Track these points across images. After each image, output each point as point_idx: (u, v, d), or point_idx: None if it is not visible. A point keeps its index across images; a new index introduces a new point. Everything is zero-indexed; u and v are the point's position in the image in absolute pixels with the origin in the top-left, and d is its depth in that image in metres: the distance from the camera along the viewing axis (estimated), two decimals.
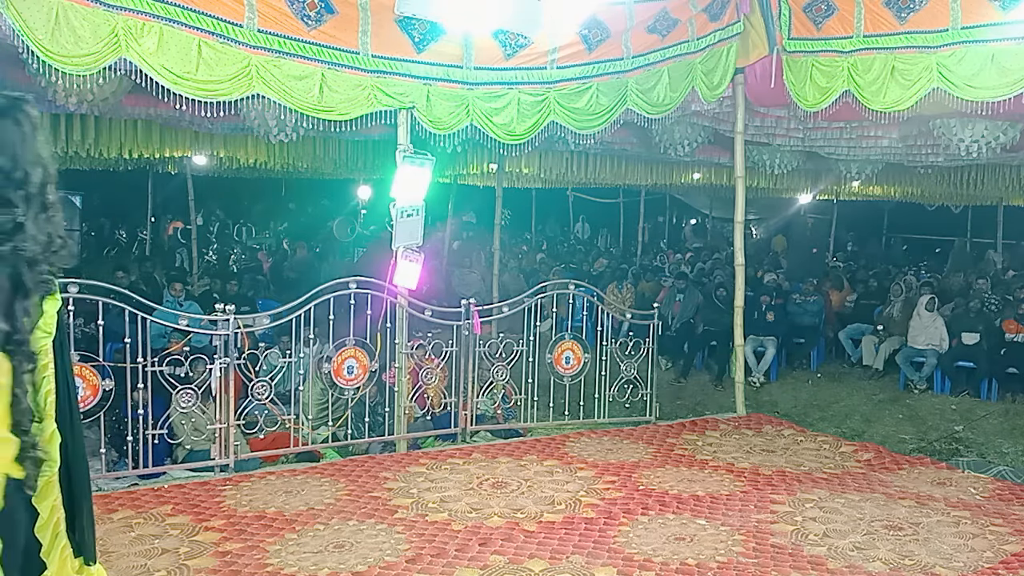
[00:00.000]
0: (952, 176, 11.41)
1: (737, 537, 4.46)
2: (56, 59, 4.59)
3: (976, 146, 7.18)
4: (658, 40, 6.79)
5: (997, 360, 8.81)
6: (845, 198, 16.63)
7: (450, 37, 6.00)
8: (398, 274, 6.05)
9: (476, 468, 5.56)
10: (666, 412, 7.52)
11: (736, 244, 7.74)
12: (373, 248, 12.53)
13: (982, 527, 4.67)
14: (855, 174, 10.72)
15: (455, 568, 3.98)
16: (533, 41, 6.27)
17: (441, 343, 6.45)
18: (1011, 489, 5.47)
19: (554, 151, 10.93)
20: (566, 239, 20.77)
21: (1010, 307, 9.51)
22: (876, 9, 6.41)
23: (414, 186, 6.04)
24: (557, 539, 4.35)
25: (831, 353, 10.96)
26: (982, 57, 5.87)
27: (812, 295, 10.72)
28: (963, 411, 8.15)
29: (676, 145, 8.53)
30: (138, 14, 4.82)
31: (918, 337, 9.30)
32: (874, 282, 12.37)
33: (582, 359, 6.94)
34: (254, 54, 5.28)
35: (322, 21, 5.53)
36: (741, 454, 6.14)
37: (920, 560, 4.20)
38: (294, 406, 5.94)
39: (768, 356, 9.48)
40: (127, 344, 5.23)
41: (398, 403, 6.18)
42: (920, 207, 16.53)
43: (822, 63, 6.76)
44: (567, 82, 6.50)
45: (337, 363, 5.96)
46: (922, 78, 6.16)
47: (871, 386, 9.28)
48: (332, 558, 4.05)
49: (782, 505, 5.00)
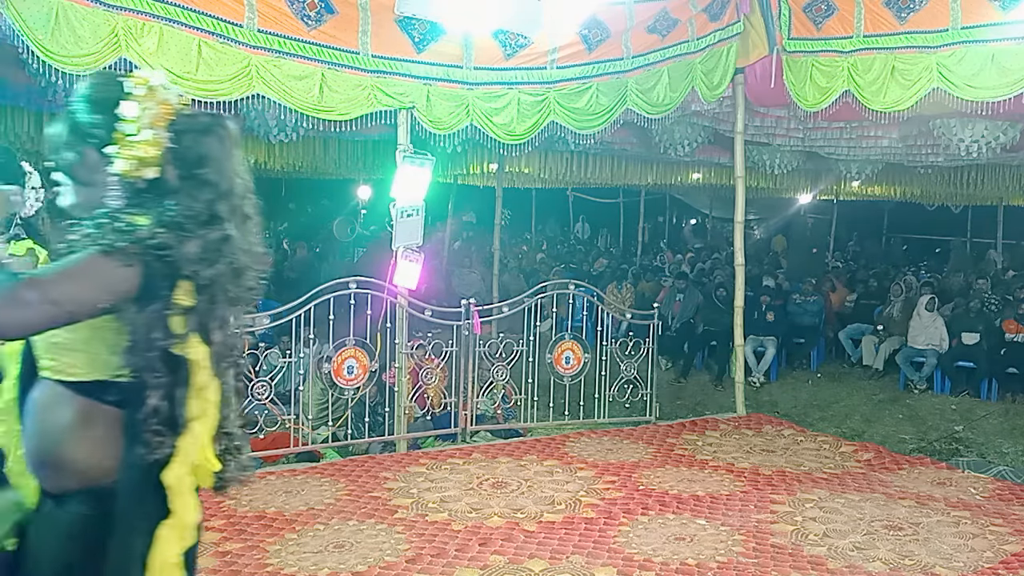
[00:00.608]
0: (952, 176, 11.40)
1: (737, 537, 4.46)
2: (56, 59, 4.59)
3: (976, 146, 7.18)
4: (658, 40, 6.80)
5: (997, 360, 8.80)
6: (845, 198, 16.62)
7: (450, 37, 6.00)
8: (398, 274, 6.05)
9: (476, 468, 5.56)
10: (666, 412, 7.52)
11: (736, 244, 7.74)
12: (373, 248, 12.52)
13: (982, 527, 4.67)
14: (855, 174, 10.71)
15: (455, 568, 3.98)
16: (533, 41, 6.28)
17: (441, 343, 6.45)
18: (1011, 489, 5.47)
19: (554, 151, 10.93)
20: (566, 239, 20.75)
21: (1010, 307, 9.51)
22: (876, 9, 6.41)
23: (414, 186, 6.04)
24: (557, 539, 4.35)
25: (831, 353, 10.95)
26: (982, 57, 5.87)
27: (812, 295, 10.72)
28: (963, 411, 8.14)
29: (676, 145, 8.53)
30: (138, 14, 4.82)
31: (918, 337, 9.30)
32: (874, 282, 12.37)
33: (582, 359, 6.94)
34: (254, 54, 5.28)
35: (322, 21, 5.53)
36: (741, 454, 6.14)
37: (920, 560, 4.20)
38: (294, 406, 5.94)
39: (768, 356, 9.48)
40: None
41: (398, 403, 6.18)
42: (920, 207, 16.52)
43: (822, 63, 6.76)
44: (567, 82, 6.50)
45: (337, 363, 5.96)
46: (922, 78, 6.16)
47: (871, 386, 9.27)
48: (332, 558, 4.05)
49: (782, 505, 5.00)
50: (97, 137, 1.71)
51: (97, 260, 1.58)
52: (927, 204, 16.04)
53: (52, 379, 1.69)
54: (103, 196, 1.71)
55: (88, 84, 1.79)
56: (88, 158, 1.72)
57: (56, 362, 1.68)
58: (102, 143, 1.71)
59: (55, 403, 1.67)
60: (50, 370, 1.69)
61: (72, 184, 1.76)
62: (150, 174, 1.71)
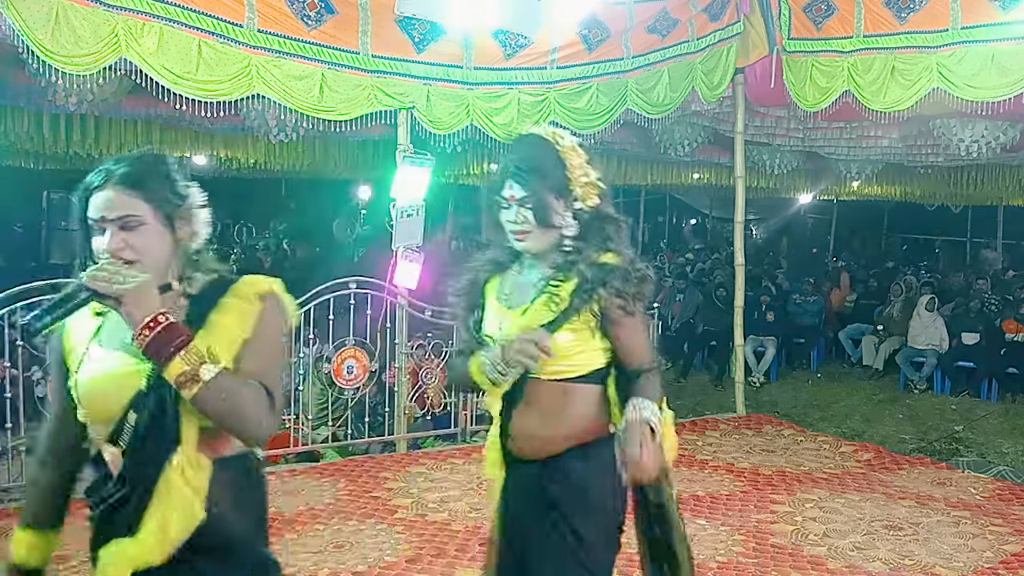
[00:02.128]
0: (952, 176, 11.39)
1: (737, 537, 4.46)
2: (56, 59, 4.58)
3: (976, 146, 7.17)
4: (658, 40, 6.79)
5: (997, 360, 8.80)
6: (845, 198, 16.61)
7: (450, 37, 6.00)
8: (398, 274, 6.05)
9: (476, 468, 5.56)
10: None
11: (736, 244, 7.74)
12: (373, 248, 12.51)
13: (982, 527, 4.67)
14: (855, 174, 10.70)
15: (455, 568, 3.98)
16: (533, 41, 6.27)
17: (441, 343, 6.45)
18: (1011, 489, 5.47)
19: None
20: None
21: (1010, 307, 9.51)
22: (876, 9, 6.40)
23: (414, 186, 6.04)
24: None
25: (831, 353, 10.96)
26: (982, 57, 5.86)
27: (812, 295, 10.72)
28: (963, 411, 8.14)
29: (676, 145, 8.52)
30: (138, 14, 4.81)
31: (918, 337, 9.30)
32: (874, 282, 12.37)
33: None
34: (254, 54, 5.28)
35: (322, 21, 5.53)
36: (741, 454, 6.14)
37: (920, 560, 4.20)
38: (294, 406, 5.94)
39: (768, 356, 9.48)
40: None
41: (398, 403, 6.18)
42: (920, 207, 16.50)
43: (822, 63, 6.76)
44: (567, 82, 6.50)
45: (337, 363, 5.96)
46: (922, 78, 6.16)
47: (871, 386, 9.27)
48: (332, 558, 4.05)
49: (782, 505, 5.00)
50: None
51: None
52: (927, 204, 16.03)
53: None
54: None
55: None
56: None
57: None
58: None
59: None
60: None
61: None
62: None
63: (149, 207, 1.62)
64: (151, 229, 1.62)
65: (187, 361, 1.51)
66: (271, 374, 1.65)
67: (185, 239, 1.69)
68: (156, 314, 1.52)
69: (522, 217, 2.05)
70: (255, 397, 1.59)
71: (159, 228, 1.64)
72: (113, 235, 1.60)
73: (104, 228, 1.61)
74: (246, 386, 1.58)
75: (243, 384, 1.58)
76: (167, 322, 1.53)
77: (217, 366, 1.54)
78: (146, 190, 1.62)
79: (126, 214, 1.60)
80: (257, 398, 1.59)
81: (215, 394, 1.53)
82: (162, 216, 1.64)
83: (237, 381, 1.57)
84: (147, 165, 1.68)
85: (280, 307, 1.70)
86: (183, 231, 1.68)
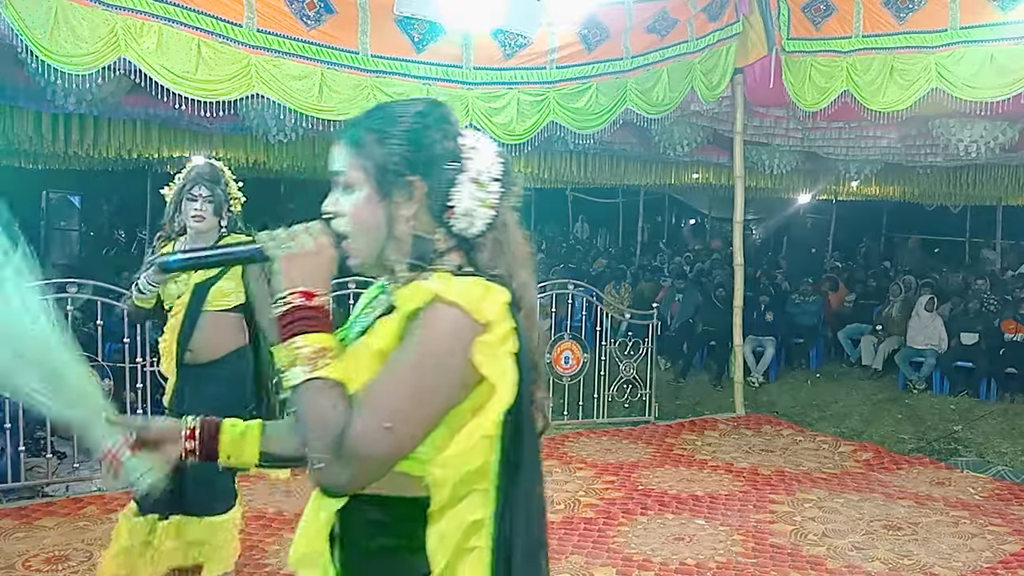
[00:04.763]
0: (951, 176, 11.40)
1: (736, 537, 4.46)
2: (55, 59, 4.59)
3: (975, 146, 7.18)
4: (657, 40, 6.80)
5: (996, 360, 8.80)
6: (844, 198, 16.61)
7: (450, 37, 6.00)
8: None
9: None
10: (665, 412, 7.52)
11: (735, 244, 7.74)
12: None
13: (981, 527, 4.68)
14: (854, 174, 10.70)
15: None
16: (532, 41, 6.27)
17: None
18: (1010, 489, 5.48)
19: (553, 151, 10.91)
20: (565, 239, 20.74)
21: (1009, 307, 9.51)
22: (875, 9, 6.41)
23: None
24: (556, 539, 4.35)
25: (830, 353, 10.95)
26: (981, 57, 5.87)
27: (811, 295, 10.72)
28: (962, 411, 8.14)
29: (675, 145, 8.52)
30: (137, 14, 4.81)
31: (917, 337, 9.30)
32: (873, 282, 12.36)
33: (581, 359, 6.94)
34: (254, 54, 5.28)
35: (321, 21, 5.53)
36: (740, 454, 6.14)
37: (919, 560, 4.20)
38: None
39: (767, 356, 9.48)
40: (126, 344, 5.23)
41: None
42: (919, 207, 16.51)
43: (821, 63, 6.77)
44: (567, 82, 6.50)
45: None
46: (921, 78, 6.17)
47: (870, 386, 9.27)
48: None
49: (781, 505, 5.01)
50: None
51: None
52: (926, 204, 16.04)
53: None
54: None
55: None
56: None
57: None
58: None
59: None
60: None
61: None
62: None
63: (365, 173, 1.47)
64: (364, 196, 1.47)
65: (287, 355, 1.30)
66: (387, 407, 1.25)
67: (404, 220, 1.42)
68: (296, 290, 1.35)
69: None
70: (325, 431, 1.25)
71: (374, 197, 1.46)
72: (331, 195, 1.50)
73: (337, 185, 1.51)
74: (333, 411, 1.25)
75: (330, 408, 1.26)
76: (295, 304, 1.33)
77: (309, 373, 1.27)
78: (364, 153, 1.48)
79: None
80: (326, 433, 1.24)
81: (296, 401, 1.31)
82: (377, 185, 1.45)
83: (325, 403, 1.26)
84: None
85: (445, 323, 1.28)
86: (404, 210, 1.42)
